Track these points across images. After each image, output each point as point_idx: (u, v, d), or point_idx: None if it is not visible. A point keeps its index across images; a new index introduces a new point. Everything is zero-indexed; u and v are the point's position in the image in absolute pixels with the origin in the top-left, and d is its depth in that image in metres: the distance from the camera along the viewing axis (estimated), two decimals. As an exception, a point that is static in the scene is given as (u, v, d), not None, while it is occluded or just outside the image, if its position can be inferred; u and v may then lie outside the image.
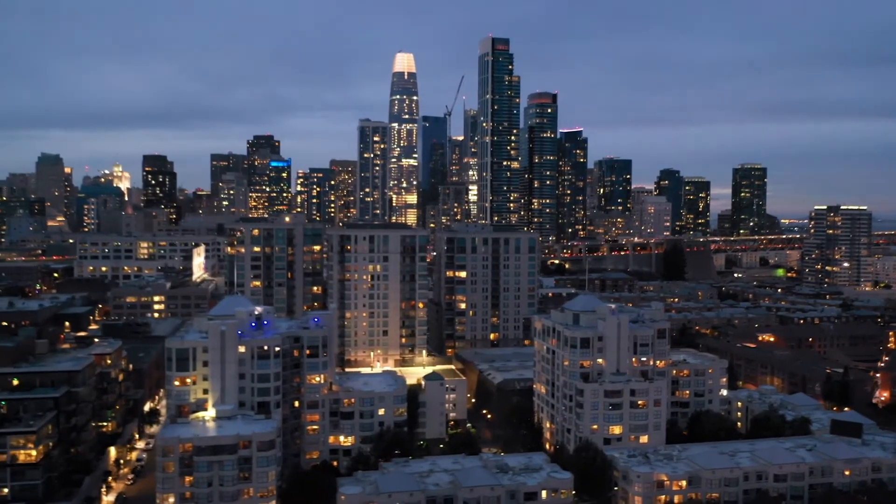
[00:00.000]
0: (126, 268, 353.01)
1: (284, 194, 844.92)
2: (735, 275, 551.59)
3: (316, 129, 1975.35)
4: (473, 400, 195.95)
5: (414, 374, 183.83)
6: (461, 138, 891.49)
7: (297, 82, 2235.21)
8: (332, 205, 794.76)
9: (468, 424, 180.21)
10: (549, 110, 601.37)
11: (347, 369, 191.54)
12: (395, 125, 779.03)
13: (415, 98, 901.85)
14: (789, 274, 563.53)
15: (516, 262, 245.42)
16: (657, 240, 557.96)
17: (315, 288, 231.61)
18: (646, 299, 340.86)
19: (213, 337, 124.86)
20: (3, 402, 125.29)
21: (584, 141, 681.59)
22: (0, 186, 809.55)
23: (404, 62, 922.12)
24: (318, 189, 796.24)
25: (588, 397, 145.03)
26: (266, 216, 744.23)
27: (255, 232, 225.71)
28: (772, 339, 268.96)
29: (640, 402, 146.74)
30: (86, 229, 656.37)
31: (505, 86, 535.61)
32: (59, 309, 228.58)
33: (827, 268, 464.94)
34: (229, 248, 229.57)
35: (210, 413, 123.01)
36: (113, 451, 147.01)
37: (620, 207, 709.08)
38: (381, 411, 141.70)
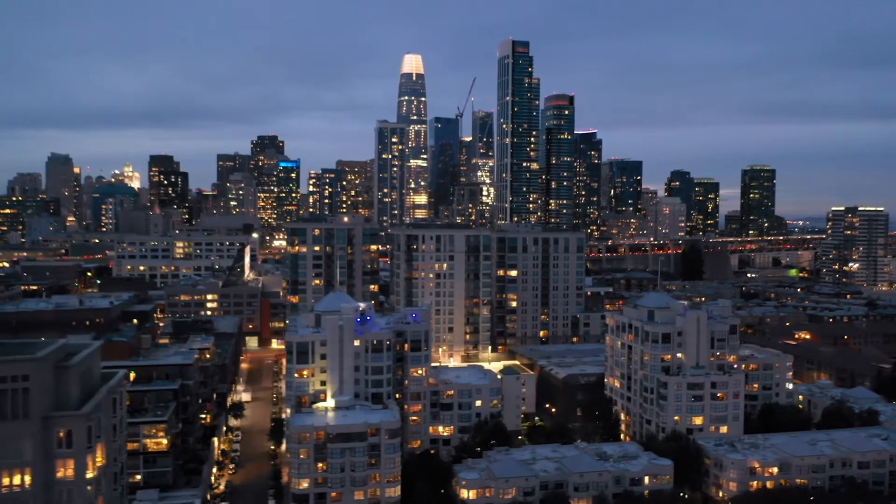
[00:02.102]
0: (164, 267, 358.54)
1: (293, 195, 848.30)
2: (749, 275, 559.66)
3: (313, 129, 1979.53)
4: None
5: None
6: (469, 139, 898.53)
7: (293, 83, 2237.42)
8: (344, 205, 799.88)
9: (535, 417, 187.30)
10: (567, 112, 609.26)
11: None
12: (403, 126, 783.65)
13: (423, 99, 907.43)
14: (801, 274, 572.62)
15: (565, 261, 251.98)
16: (675, 240, 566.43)
17: (373, 286, 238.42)
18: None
19: (331, 331, 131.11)
20: (126, 394, 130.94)
21: (599, 142, 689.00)
22: (13, 186, 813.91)
23: (412, 63, 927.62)
24: (329, 189, 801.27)
25: (672, 390, 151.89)
26: (274, 215, 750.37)
27: (317, 231, 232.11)
28: (808, 336, 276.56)
29: (719, 395, 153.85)
30: (103, 229, 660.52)
31: (525, 88, 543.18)
32: (125, 306, 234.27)
33: (844, 268, 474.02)
34: (290, 247, 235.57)
35: (329, 403, 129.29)
36: (216, 441, 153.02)
37: (631, 208, 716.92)
38: (478, 403, 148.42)
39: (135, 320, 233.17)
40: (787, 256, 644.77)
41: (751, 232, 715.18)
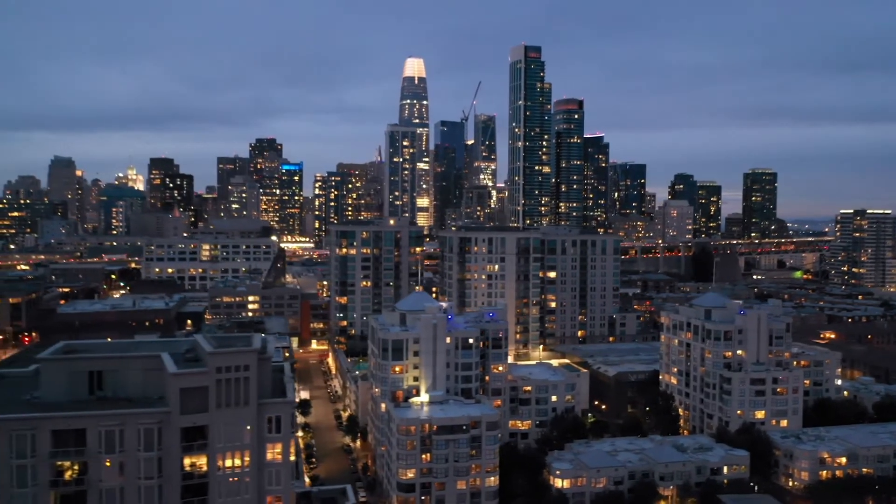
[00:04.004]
0: (191, 269, 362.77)
1: (296, 197, 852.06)
2: (754, 276, 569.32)
3: (305, 132, 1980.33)
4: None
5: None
6: (471, 142, 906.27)
7: (285, 86, 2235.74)
8: (349, 208, 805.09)
9: (588, 413, 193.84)
10: (576, 116, 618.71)
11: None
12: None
13: (425, 103, 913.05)
14: (806, 276, 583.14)
15: (602, 262, 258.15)
16: (684, 243, 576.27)
17: (417, 288, 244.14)
18: (691, 300, 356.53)
19: (425, 329, 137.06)
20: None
21: (606, 146, 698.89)
22: (16, 189, 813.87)
23: (414, 67, 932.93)
24: (335, 192, 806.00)
25: (736, 385, 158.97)
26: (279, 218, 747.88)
27: (365, 234, 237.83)
28: (833, 336, 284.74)
29: (780, 390, 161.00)
30: (114, 232, 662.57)
31: (537, 92, 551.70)
32: (178, 307, 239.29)
33: (853, 269, 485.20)
34: (339, 250, 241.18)
35: (424, 398, 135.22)
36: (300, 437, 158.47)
37: (635, 211, 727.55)
38: (554, 398, 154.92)
39: (188, 321, 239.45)
40: (790, 258, 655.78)
41: (752, 234, 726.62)
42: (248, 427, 70.38)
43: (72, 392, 72.83)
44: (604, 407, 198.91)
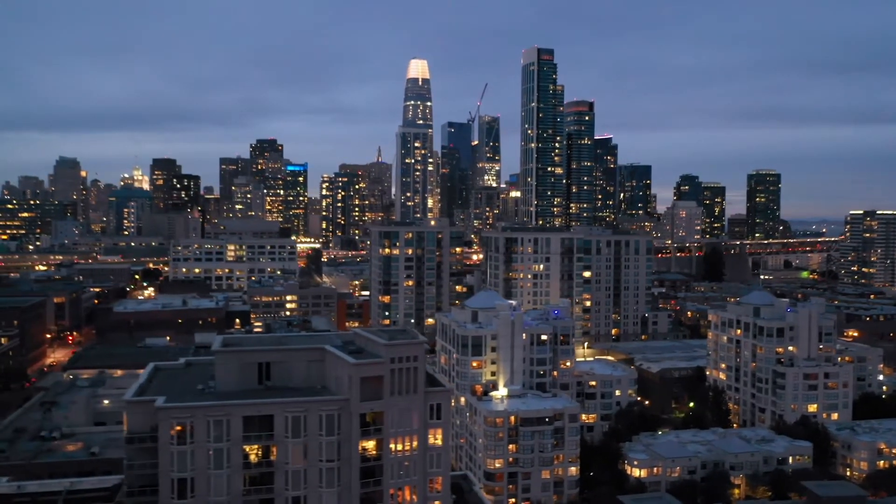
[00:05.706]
0: (218, 270, 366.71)
1: (301, 198, 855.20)
2: (762, 276, 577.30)
3: (301, 132, 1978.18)
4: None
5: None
6: (476, 143, 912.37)
7: (279, 86, 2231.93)
8: (356, 209, 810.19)
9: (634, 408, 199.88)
10: (587, 118, 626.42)
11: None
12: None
13: (429, 104, 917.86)
14: (813, 276, 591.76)
15: (635, 262, 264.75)
16: (695, 243, 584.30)
17: (458, 287, 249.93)
18: (708, 299, 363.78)
19: (503, 326, 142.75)
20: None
21: (614, 147, 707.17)
22: (23, 190, 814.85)
23: (418, 68, 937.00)
24: (342, 193, 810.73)
25: (790, 380, 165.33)
26: (282, 219, 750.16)
27: (408, 235, 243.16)
28: (855, 333, 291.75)
29: (830, 384, 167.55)
30: (125, 232, 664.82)
31: (549, 94, 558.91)
32: (226, 307, 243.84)
33: (863, 269, 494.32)
34: (382, 250, 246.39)
35: (503, 392, 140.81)
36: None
37: (641, 211, 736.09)
38: (618, 392, 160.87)
39: (237, 320, 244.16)
40: (796, 258, 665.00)
41: (756, 235, 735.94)
42: (416, 414, 75.76)
43: (243, 382, 78.07)
44: (647, 402, 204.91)
